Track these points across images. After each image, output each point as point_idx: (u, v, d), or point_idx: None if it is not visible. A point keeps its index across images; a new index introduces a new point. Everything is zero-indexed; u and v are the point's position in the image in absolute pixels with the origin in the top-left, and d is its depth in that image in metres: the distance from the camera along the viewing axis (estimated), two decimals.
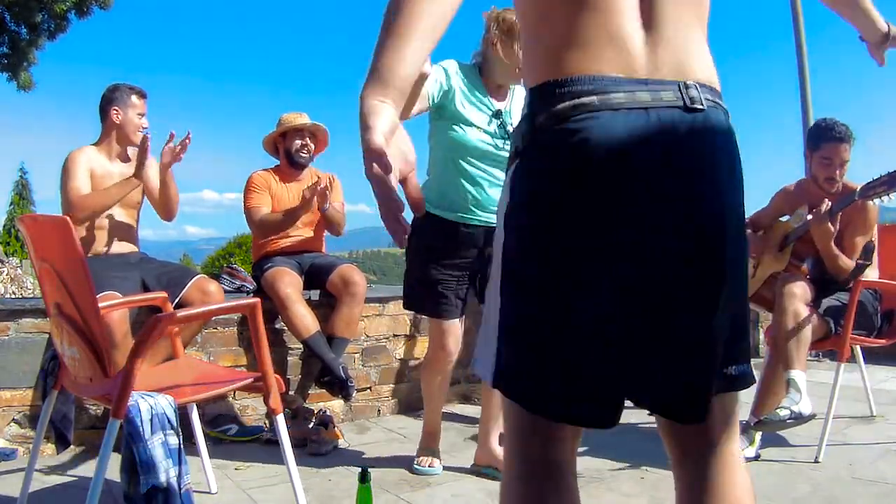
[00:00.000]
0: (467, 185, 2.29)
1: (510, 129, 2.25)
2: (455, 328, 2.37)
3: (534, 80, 0.92)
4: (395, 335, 3.40)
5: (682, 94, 0.88)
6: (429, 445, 2.50)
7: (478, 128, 2.27)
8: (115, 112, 2.81)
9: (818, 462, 2.43)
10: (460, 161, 2.28)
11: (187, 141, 2.81)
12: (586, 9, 0.88)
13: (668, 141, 0.87)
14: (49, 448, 2.51)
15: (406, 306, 2.50)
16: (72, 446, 2.46)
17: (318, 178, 3.29)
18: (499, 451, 2.30)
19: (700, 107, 0.88)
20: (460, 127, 2.26)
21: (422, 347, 3.45)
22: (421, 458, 2.47)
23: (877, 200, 2.52)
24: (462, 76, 2.29)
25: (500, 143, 2.28)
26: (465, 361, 3.58)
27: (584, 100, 0.85)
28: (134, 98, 2.83)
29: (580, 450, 2.86)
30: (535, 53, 0.93)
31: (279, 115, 3.32)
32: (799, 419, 2.49)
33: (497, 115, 2.29)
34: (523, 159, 0.91)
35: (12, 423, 2.59)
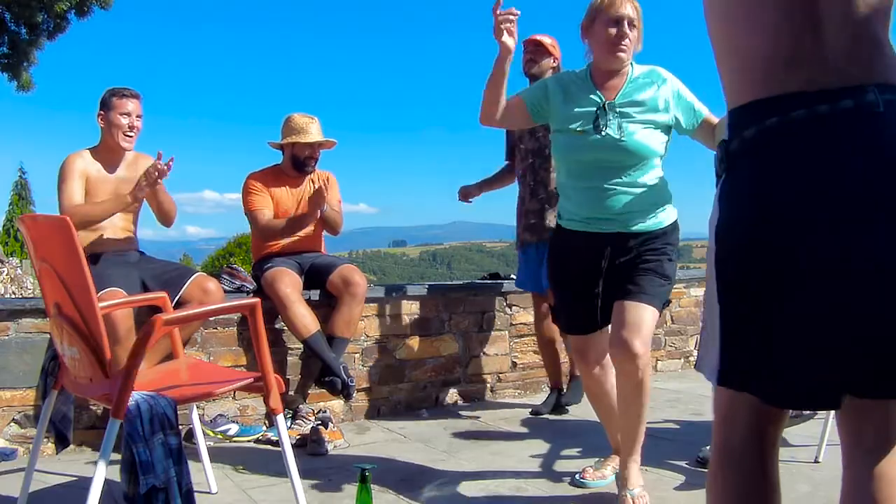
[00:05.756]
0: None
1: (614, 123, 2.04)
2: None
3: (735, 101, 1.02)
4: (395, 335, 3.40)
5: (859, 99, 0.92)
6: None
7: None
8: (99, 117, 2.85)
9: (818, 462, 2.43)
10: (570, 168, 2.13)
11: (166, 167, 2.71)
12: (765, 32, 0.98)
13: (842, 156, 0.92)
14: (49, 448, 2.51)
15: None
16: (72, 446, 2.46)
17: (317, 178, 3.28)
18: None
19: (880, 110, 0.92)
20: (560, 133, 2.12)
21: (421, 347, 3.46)
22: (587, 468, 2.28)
23: None
24: (565, 80, 2.15)
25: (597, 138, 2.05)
26: (465, 361, 3.59)
27: (768, 122, 0.95)
28: (115, 99, 2.82)
29: (579, 450, 2.85)
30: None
31: (281, 114, 3.31)
32: (801, 417, 2.49)
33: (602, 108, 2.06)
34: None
35: (12, 423, 2.60)
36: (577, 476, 2.26)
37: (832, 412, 2.48)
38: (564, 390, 3.35)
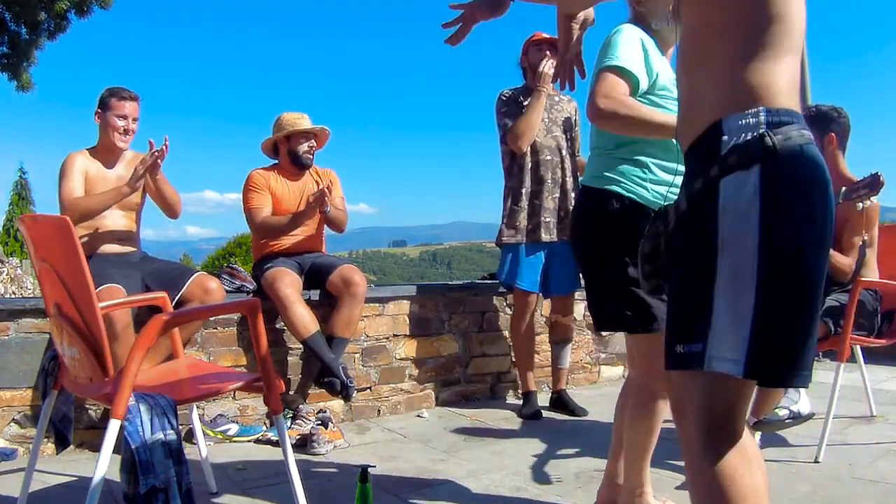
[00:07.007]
0: None
1: None
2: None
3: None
4: (395, 335, 3.40)
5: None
6: None
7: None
8: (96, 115, 2.88)
9: (818, 462, 2.43)
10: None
11: (162, 149, 2.73)
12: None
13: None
14: (49, 448, 2.51)
15: None
16: (72, 446, 2.46)
17: (319, 178, 3.29)
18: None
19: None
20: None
21: (421, 347, 3.46)
22: None
23: (859, 204, 2.53)
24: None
25: None
26: (465, 361, 3.59)
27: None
28: (113, 100, 2.85)
29: (578, 449, 2.85)
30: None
31: (278, 114, 3.32)
32: (798, 419, 2.49)
33: None
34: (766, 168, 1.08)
35: (12, 423, 2.60)
36: None
37: (828, 411, 2.48)
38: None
